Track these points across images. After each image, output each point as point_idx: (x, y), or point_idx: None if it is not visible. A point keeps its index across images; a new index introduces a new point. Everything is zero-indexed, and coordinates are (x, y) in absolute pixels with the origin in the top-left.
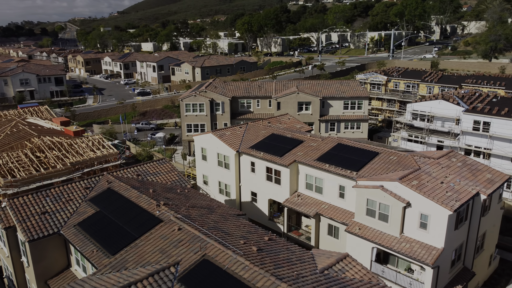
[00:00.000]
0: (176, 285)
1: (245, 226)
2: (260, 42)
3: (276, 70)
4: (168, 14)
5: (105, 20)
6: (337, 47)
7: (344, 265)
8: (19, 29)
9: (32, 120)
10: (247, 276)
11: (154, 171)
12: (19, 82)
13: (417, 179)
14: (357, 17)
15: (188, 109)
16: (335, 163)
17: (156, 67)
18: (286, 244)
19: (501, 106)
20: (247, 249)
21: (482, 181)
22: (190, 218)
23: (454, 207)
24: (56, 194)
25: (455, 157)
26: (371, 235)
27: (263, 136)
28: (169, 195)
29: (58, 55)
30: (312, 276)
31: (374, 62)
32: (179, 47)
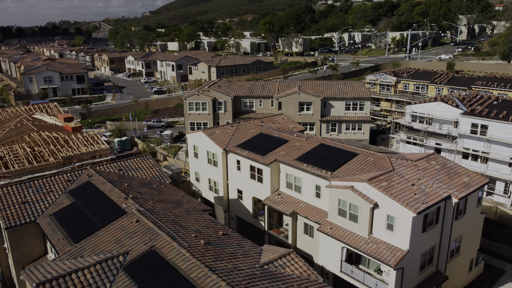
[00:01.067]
0: (120, 273)
1: (205, 221)
2: (282, 42)
3: (290, 70)
4: (198, 13)
5: (137, 20)
6: (358, 47)
7: (286, 261)
8: (55, 29)
9: (38, 116)
10: (185, 266)
11: (136, 166)
12: (43, 80)
13: (387, 180)
14: (382, 17)
15: (191, 107)
16: (313, 163)
17: (175, 66)
18: (239, 240)
19: (501, 109)
20: (195, 242)
21: (457, 185)
22: (152, 211)
23: (418, 210)
24: (38, 185)
25: (435, 160)
26: (341, 235)
27: (252, 135)
28: (143, 189)
29: (86, 54)
30: (248, 270)
31: (389, 63)
32: (203, 46)
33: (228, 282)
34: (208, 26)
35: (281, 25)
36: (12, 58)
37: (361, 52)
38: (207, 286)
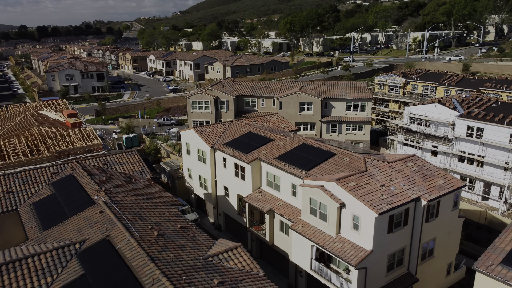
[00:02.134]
0: (73, 259)
1: (169, 214)
2: (303, 42)
3: (304, 70)
4: (227, 13)
5: (167, 20)
6: (381, 47)
7: (232, 255)
8: (88, 28)
9: (44, 112)
10: (130, 255)
11: (120, 161)
12: (65, 77)
13: (356, 181)
14: (408, 17)
15: (194, 106)
16: (291, 162)
17: (193, 66)
18: (195, 233)
19: (499, 112)
20: (148, 233)
21: (429, 187)
22: (119, 203)
23: (380, 210)
24: (25, 176)
25: (413, 162)
26: (311, 233)
27: (241, 133)
28: (120, 183)
29: (112, 53)
30: (190, 261)
31: (403, 64)
32: (226, 46)
33: (163, 271)
34: (232, 25)
35: (302, 25)
36: (41, 57)
37: (382, 53)
38: (144, 274)
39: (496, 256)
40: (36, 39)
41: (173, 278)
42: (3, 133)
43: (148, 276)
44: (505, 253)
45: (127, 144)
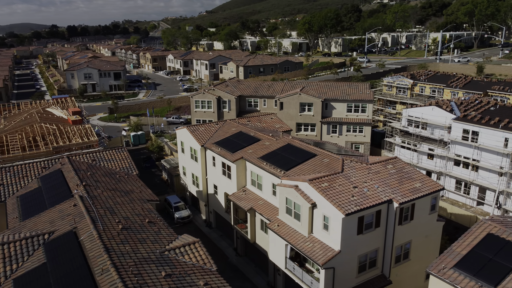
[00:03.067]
0: (40, 248)
1: (142, 209)
2: (321, 42)
3: (317, 70)
4: (252, 13)
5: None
6: (399, 48)
7: (188, 250)
8: (116, 28)
9: (50, 109)
10: (89, 246)
11: (109, 157)
12: (83, 76)
13: (330, 181)
14: (431, 17)
15: (197, 105)
16: (273, 162)
17: (208, 65)
18: (161, 228)
19: (496, 115)
20: (113, 227)
21: (404, 190)
22: (95, 198)
23: (348, 211)
24: (16, 170)
25: (392, 164)
26: (285, 232)
27: (232, 133)
28: (103, 178)
29: (133, 52)
30: (145, 254)
31: (416, 65)
32: (246, 45)
33: (114, 262)
34: (254, 25)
35: (320, 25)
36: (65, 55)
37: (400, 54)
38: (96, 264)
39: (450, 259)
40: (66, 38)
41: (121, 269)
42: (8, 129)
43: (100, 266)
44: (459, 257)
45: (134, 142)
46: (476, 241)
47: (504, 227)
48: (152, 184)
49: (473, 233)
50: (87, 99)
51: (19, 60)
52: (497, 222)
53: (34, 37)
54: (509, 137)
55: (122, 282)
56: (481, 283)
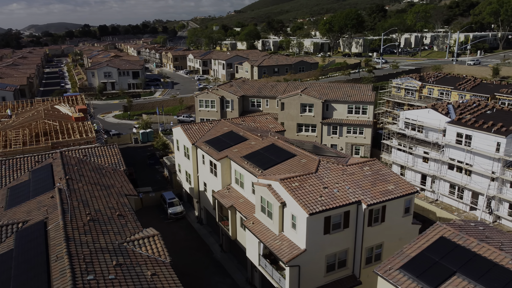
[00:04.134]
0: (12, 236)
1: (117, 203)
2: (343, 42)
3: (331, 71)
4: (280, 13)
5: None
6: (420, 49)
7: (147, 242)
8: (145, 27)
9: (58, 106)
10: (53, 235)
11: (99, 153)
12: (103, 75)
13: (301, 181)
14: (458, 17)
15: (201, 104)
16: (253, 161)
17: (225, 65)
18: (129, 221)
19: (492, 119)
20: (82, 218)
21: (375, 191)
22: (73, 191)
23: (312, 211)
24: (11, 163)
25: (369, 166)
26: (259, 230)
27: (223, 132)
28: (88, 173)
29: (156, 51)
30: (104, 244)
31: (430, 66)
32: (268, 45)
33: (70, 250)
34: (277, 25)
35: (340, 26)
36: (90, 54)
37: (421, 55)
38: (55, 251)
39: (399, 261)
40: (97, 37)
41: (74, 257)
42: (15, 124)
43: (56, 253)
44: (407, 259)
45: (143, 139)
46: (428, 243)
47: (458, 231)
48: (153, 181)
49: (426, 235)
50: (106, 97)
51: (50, 58)
52: (453, 225)
53: (67, 36)
54: (501, 142)
55: (71, 269)
56: (421, 285)
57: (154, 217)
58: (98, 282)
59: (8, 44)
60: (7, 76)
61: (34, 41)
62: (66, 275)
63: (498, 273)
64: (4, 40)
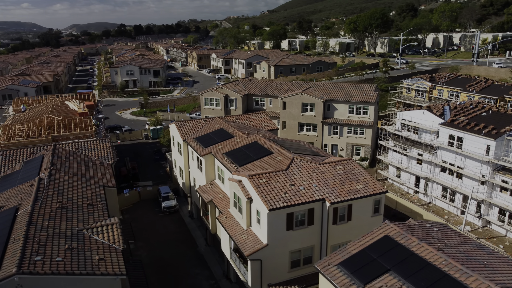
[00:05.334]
0: None
1: (92, 194)
2: (368, 42)
3: (347, 71)
4: (313, 12)
5: (254, 19)
6: (446, 49)
7: (104, 229)
8: (178, 27)
9: (67, 102)
10: (19, 220)
11: (91, 147)
12: (125, 73)
13: (269, 178)
14: (492, 16)
15: (206, 102)
16: (233, 158)
17: (245, 64)
18: (96, 210)
19: (486, 121)
20: (51, 206)
21: (342, 190)
22: (53, 180)
23: (272, 206)
24: (8, 154)
25: (343, 165)
26: (229, 224)
27: (213, 129)
28: (75, 164)
29: (183, 51)
30: (63, 230)
31: (448, 67)
32: (295, 45)
33: (28, 234)
34: (306, 25)
35: (365, 25)
36: (119, 53)
37: (447, 55)
38: (15, 234)
39: (339, 257)
40: (132, 37)
41: (29, 240)
42: (23, 119)
43: (15, 236)
44: (348, 255)
45: (153, 135)
46: (371, 241)
47: (403, 231)
48: (156, 175)
49: (373, 234)
50: (127, 94)
51: (85, 57)
52: (400, 225)
53: (104, 36)
54: (491, 145)
55: (22, 250)
56: (354, 281)
57: (149, 210)
58: (44, 263)
59: (48, 43)
60: (35, 74)
61: (72, 40)
62: (16, 255)
63: (429, 272)
64: (45, 39)
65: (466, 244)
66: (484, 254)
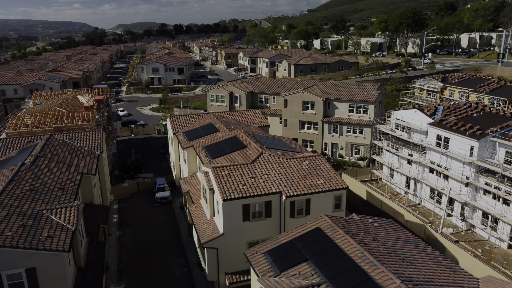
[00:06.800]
0: None
1: (67, 179)
2: (399, 42)
3: (366, 71)
4: (353, 11)
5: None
6: (477, 49)
7: (63, 211)
8: (217, 26)
9: (78, 96)
10: None
11: (84, 137)
12: (151, 70)
13: (232, 170)
14: None
15: (212, 99)
16: (209, 151)
17: (268, 63)
18: (67, 194)
19: (474, 122)
20: (22, 188)
21: (302, 185)
22: (35, 166)
23: (226, 197)
24: (8, 142)
25: (310, 161)
26: (196, 214)
27: (203, 124)
28: (63, 153)
29: (214, 50)
30: (25, 209)
31: (469, 68)
32: (327, 45)
33: None
34: (340, 24)
35: (395, 25)
36: (151, 51)
37: (479, 56)
38: None
39: (269, 246)
40: (172, 36)
41: None
42: (35, 110)
43: None
44: (276, 244)
45: (164, 130)
46: (303, 232)
47: (334, 224)
48: (159, 168)
49: (307, 225)
50: (152, 91)
51: (124, 55)
52: (334, 218)
53: (145, 35)
54: (474, 146)
55: None
56: (272, 268)
57: (145, 200)
58: None
59: (92, 41)
60: (67, 70)
61: (115, 39)
62: None
63: (342, 263)
64: (89, 38)
65: (400, 240)
66: (414, 251)
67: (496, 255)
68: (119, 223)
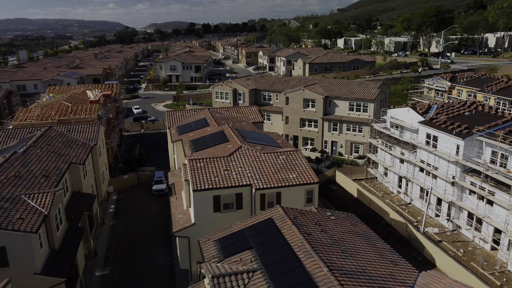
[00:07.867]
0: None
1: (53, 167)
2: (423, 41)
3: (380, 70)
4: (384, 11)
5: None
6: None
7: (40, 196)
8: (244, 26)
9: (87, 91)
10: None
11: (80, 129)
12: (169, 68)
13: (207, 163)
14: None
15: (217, 96)
16: (194, 144)
17: (285, 62)
18: (49, 181)
19: (464, 120)
20: (8, 173)
21: (273, 178)
22: (27, 154)
23: (197, 187)
24: (10, 133)
25: (286, 156)
26: (176, 205)
27: (197, 119)
28: (57, 144)
29: (235, 48)
30: (5, 193)
31: (484, 67)
32: (350, 44)
33: None
34: (366, 24)
35: (418, 24)
36: (173, 50)
37: (504, 55)
38: None
39: (221, 234)
40: (200, 35)
41: None
42: (43, 104)
43: None
44: (228, 233)
45: None
46: (255, 222)
47: (285, 215)
48: (162, 162)
49: (261, 215)
50: (169, 88)
51: (151, 53)
52: (288, 209)
53: (174, 34)
54: (460, 144)
55: None
56: (218, 255)
57: (143, 193)
58: None
59: (122, 40)
60: (88, 67)
61: (145, 38)
62: None
63: (281, 251)
64: (120, 37)
65: (351, 233)
66: (362, 243)
67: (478, 256)
68: (114, 212)
